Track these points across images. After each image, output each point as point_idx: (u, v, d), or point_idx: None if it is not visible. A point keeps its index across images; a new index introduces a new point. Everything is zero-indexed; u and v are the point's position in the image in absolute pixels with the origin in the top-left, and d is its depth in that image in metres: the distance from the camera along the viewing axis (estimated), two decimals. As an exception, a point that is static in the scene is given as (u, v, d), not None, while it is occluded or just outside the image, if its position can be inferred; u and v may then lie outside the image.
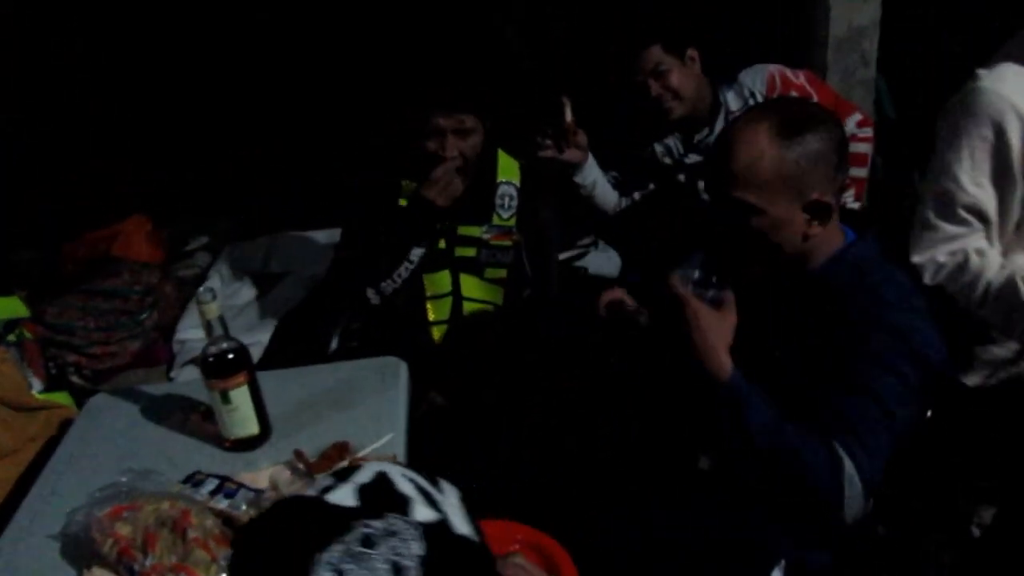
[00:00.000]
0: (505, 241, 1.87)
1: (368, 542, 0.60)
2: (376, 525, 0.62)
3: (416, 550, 0.61)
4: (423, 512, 0.65)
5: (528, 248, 1.91)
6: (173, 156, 2.78)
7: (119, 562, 1.05)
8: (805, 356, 1.14)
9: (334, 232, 2.81)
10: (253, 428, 1.31)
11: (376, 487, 0.67)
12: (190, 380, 2.07)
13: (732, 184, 1.12)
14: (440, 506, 0.67)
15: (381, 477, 0.68)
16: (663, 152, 2.08)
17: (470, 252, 1.86)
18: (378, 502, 0.65)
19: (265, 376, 1.36)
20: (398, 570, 0.59)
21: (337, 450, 1.26)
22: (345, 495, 0.65)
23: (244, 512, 1.13)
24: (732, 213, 1.14)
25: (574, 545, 1.18)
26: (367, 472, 0.69)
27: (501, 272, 1.90)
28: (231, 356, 1.26)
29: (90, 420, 1.48)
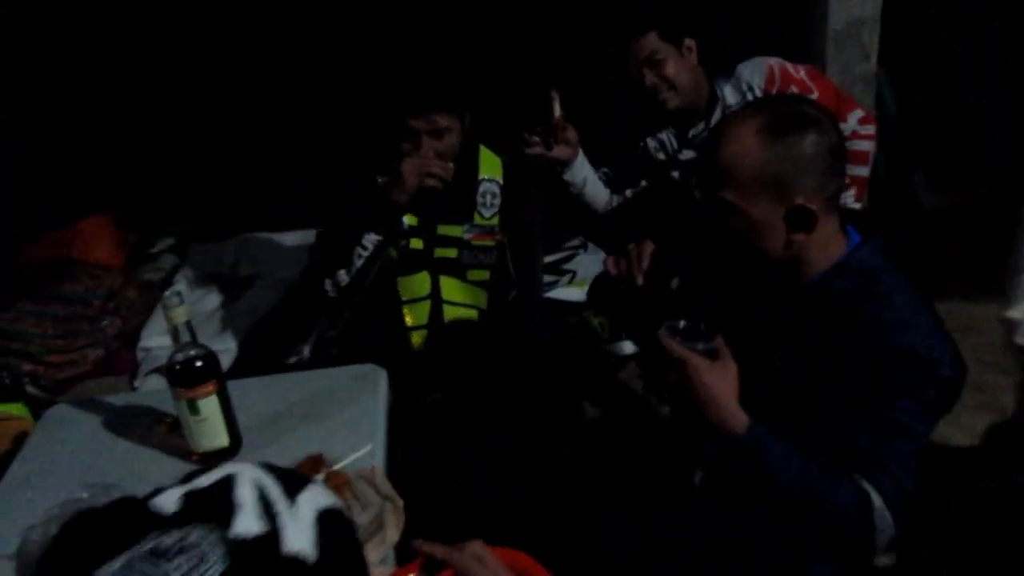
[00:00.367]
0: (487, 241, 1.88)
1: (154, 557, 0.57)
2: (168, 539, 0.58)
3: (211, 569, 0.57)
4: (248, 524, 0.61)
5: (512, 249, 1.93)
6: (173, 156, 2.85)
7: (79, 582, 1.04)
8: (805, 360, 1.15)
9: (308, 234, 2.82)
10: (222, 440, 1.31)
11: (210, 492, 0.63)
12: (155, 390, 2.08)
13: (716, 181, 1.13)
14: (278, 518, 0.63)
15: (225, 481, 0.64)
16: (656, 147, 2.09)
17: (451, 253, 1.87)
18: (200, 510, 0.61)
19: (235, 385, 1.36)
20: None
21: (312, 463, 1.25)
22: (169, 500, 0.62)
23: None
24: (715, 213, 1.15)
25: (574, 545, 1.19)
26: (216, 474, 0.66)
27: (484, 274, 1.91)
28: (199, 363, 1.26)
29: (48, 433, 1.48)
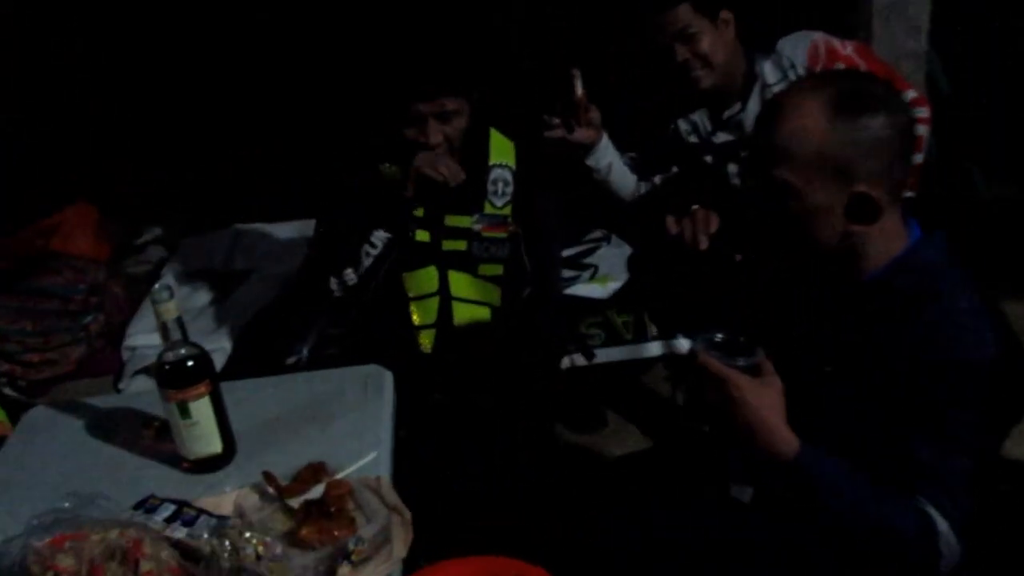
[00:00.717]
0: (500, 232, 1.87)
1: None
2: None
3: None
4: None
5: (527, 241, 1.91)
6: (173, 156, 2.96)
7: (61, 598, 1.04)
8: (857, 366, 1.14)
9: (305, 225, 2.83)
10: (215, 446, 1.31)
11: None
12: (142, 391, 2.12)
13: (771, 159, 1.11)
14: None
15: None
16: (688, 130, 2.06)
17: (460, 246, 1.86)
18: None
19: (229, 387, 1.36)
20: None
21: (312, 471, 1.26)
22: None
23: (205, 542, 1.12)
24: (766, 194, 1.13)
25: (574, 545, 1.23)
26: None
27: (497, 268, 1.89)
28: (191, 363, 1.26)
29: (26, 438, 1.48)
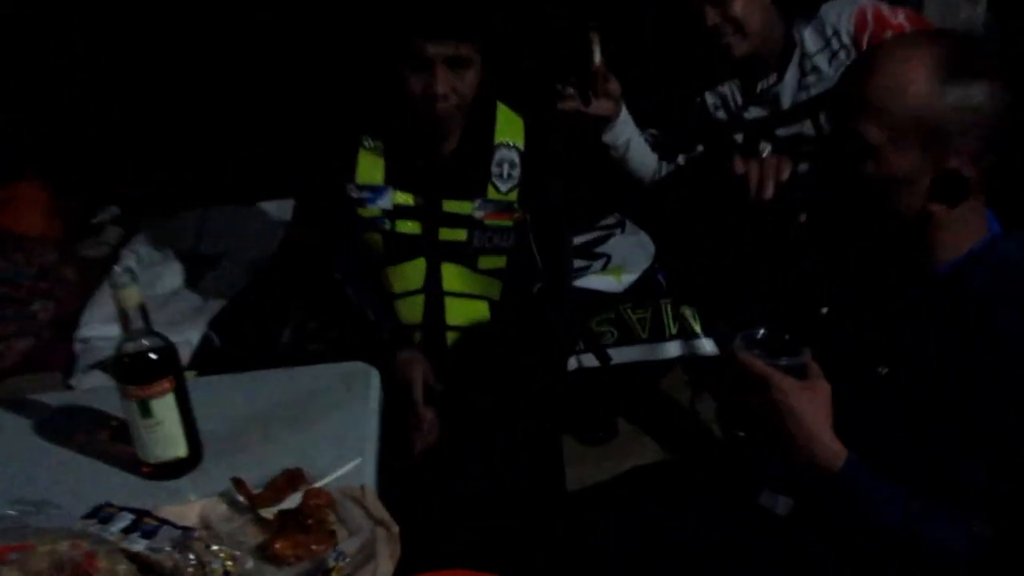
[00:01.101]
0: (504, 220, 1.84)
1: None
2: None
3: None
4: None
5: (536, 230, 1.89)
6: (173, 156, 3.11)
7: (3, 615, 1.07)
8: (917, 369, 1.13)
9: (283, 204, 2.83)
10: (179, 449, 1.32)
11: None
12: (97, 388, 2.15)
13: (858, 111, 1.10)
14: None
15: None
16: (717, 104, 2.07)
17: (459, 235, 1.83)
18: None
19: (196, 383, 1.38)
20: None
21: (288, 479, 1.26)
22: None
23: (167, 555, 1.13)
24: (843, 151, 1.12)
25: (574, 545, 1.31)
26: None
27: (500, 261, 1.87)
28: (153, 356, 1.26)
29: (-34, 438, 1.49)
